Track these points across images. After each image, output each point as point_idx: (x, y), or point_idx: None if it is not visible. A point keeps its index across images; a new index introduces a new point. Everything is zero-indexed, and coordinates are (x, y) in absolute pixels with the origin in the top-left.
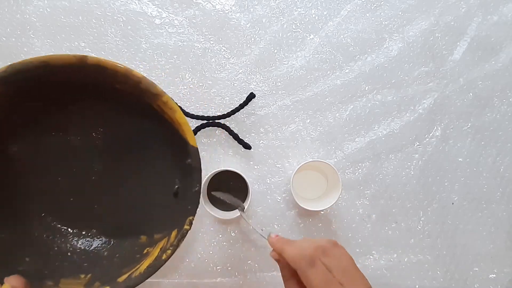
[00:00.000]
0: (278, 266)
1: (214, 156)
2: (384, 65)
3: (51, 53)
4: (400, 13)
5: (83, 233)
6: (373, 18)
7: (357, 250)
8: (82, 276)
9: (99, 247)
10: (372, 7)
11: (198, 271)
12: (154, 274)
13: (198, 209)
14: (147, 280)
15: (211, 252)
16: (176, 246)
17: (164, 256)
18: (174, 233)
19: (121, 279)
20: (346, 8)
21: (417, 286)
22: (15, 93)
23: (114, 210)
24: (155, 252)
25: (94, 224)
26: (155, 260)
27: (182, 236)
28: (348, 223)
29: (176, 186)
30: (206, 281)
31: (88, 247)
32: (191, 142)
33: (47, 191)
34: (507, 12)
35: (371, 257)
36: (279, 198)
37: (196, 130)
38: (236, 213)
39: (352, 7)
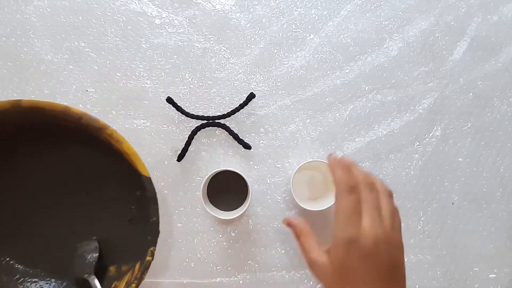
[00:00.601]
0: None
1: (214, 156)
2: (384, 65)
3: (51, 53)
4: (400, 13)
5: (42, 274)
6: (373, 18)
7: None
8: None
9: None
10: (372, 7)
11: (198, 271)
12: (154, 274)
13: (198, 209)
14: (147, 280)
15: (211, 252)
16: (140, 279)
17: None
18: (137, 266)
19: None
20: (346, 8)
21: (417, 286)
22: None
23: (71, 245)
24: (121, 286)
25: (49, 264)
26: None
27: (145, 268)
28: None
29: (131, 214)
30: (206, 281)
31: None
32: (143, 172)
33: (5, 231)
34: (507, 12)
35: None
36: (279, 198)
37: (196, 130)
38: (236, 213)
39: (352, 7)
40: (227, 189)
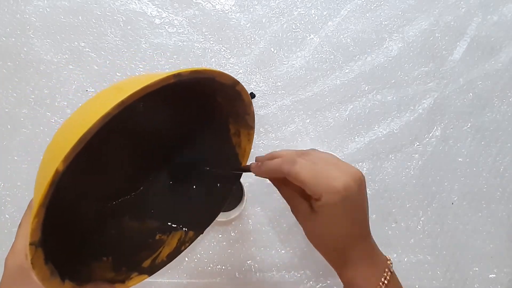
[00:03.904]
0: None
1: None
2: (384, 65)
3: (51, 53)
4: (400, 13)
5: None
6: (373, 18)
7: None
8: (104, 259)
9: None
10: (372, 7)
11: (198, 271)
12: (153, 274)
13: None
14: (146, 280)
15: (211, 252)
16: (193, 241)
17: (182, 248)
18: (191, 232)
19: (145, 264)
20: (346, 8)
21: (417, 286)
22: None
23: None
24: (172, 242)
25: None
26: (175, 249)
27: (197, 237)
28: None
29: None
30: (206, 281)
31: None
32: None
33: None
34: (507, 12)
35: None
36: (279, 198)
37: None
38: (235, 212)
39: (352, 7)
40: None
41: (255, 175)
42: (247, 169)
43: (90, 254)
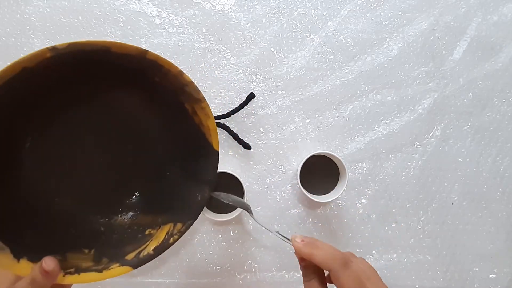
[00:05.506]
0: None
1: None
2: (384, 65)
3: None
4: (400, 13)
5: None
6: (373, 18)
7: (357, 250)
8: (86, 250)
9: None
10: (372, 7)
11: (198, 271)
12: (153, 274)
13: None
14: (146, 280)
15: (211, 252)
16: (182, 233)
17: (171, 240)
18: (179, 224)
19: (129, 257)
20: (346, 8)
21: (417, 286)
22: (70, 72)
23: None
24: (161, 235)
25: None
26: (162, 242)
27: (186, 228)
28: (348, 223)
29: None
30: (206, 281)
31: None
32: (215, 147)
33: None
34: (507, 12)
35: (371, 257)
36: (279, 198)
37: None
38: (232, 214)
39: (352, 7)
40: (222, 191)
41: (295, 250)
42: (288, 240)
43: (65, 245)
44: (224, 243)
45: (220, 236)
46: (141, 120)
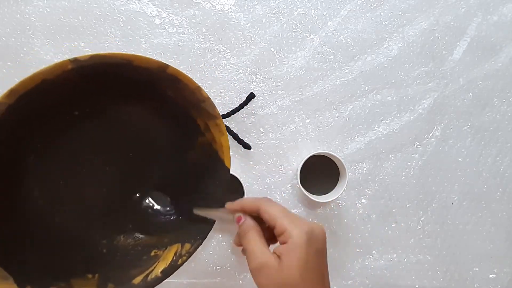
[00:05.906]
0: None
1: None
2: (384, 65)
3: (51, 53)
4: (400, 13)
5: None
6: (373, 18)
7: (357, 250)
8: (90, 276)
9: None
10: (372, 7)
11: (198, 271)
12: None
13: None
14: None
15: (211, 252)
16: (191, 254)
17: (179, 262)
18: (188, 245)
19: (135, 281)
20: (346, 8)
21: (417, 286)
22: (87, 84)
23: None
24: (168, 256)
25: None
26: (170, 264)
27: (195, 248)
28: (348, 223)
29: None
30: (206, 281)
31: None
32: (227, 164)
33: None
34: (507, 12)
35: (371, 257)
36: (279, 198)
37: None
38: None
39: (352, 7)
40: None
41: (228, 211)
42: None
43: (69, 271)
44: (224, 243)
45: (220, 236)
46: (149, 129)
